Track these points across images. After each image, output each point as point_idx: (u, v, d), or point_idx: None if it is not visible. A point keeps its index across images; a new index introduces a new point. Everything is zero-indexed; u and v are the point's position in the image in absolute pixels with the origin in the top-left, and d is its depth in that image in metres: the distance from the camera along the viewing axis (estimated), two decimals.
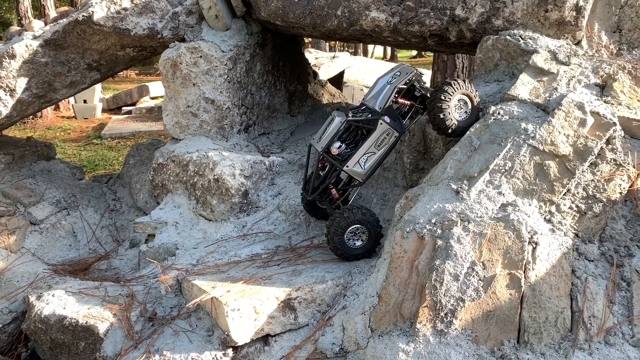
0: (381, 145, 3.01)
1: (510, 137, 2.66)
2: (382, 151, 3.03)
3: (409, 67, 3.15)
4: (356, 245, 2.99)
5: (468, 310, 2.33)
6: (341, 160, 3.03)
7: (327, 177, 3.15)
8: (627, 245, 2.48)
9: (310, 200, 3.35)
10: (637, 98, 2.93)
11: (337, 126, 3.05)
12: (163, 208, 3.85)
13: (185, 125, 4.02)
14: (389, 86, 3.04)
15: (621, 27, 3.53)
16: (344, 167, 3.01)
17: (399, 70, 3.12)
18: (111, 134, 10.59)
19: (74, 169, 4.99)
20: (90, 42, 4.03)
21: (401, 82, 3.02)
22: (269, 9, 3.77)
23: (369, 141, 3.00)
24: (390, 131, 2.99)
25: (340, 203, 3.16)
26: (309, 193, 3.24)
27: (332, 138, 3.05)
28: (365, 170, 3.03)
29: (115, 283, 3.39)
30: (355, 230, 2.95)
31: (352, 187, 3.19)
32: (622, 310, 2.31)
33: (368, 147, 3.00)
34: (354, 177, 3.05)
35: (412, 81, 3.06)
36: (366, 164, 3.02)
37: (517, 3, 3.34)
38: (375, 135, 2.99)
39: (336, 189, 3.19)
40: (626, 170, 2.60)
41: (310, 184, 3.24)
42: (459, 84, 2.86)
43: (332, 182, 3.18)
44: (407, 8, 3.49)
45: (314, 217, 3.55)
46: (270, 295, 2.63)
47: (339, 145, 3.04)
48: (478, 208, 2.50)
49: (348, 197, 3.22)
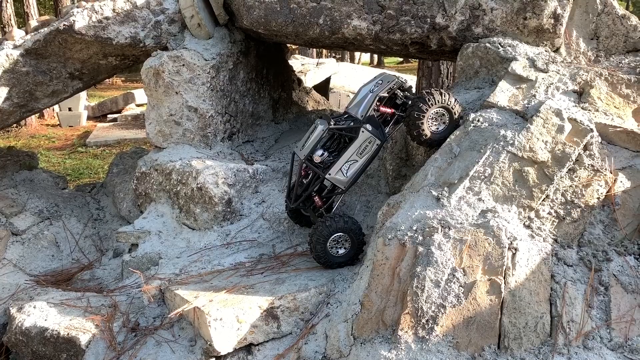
0: (363, 153, 3.03)
1: (490, 144, 2.69)
2: (365, 159, 3.05)
3: (391, 75, 3.18)
4: (339, 254, 3.00)
5: (449, 317, 2.34)
6: (324, 168, 3.04)
7: (310, 185, 3.16)
8: (605, 250, 2.52)
9: (294, 208, 3.36)
10: (614, 104, 2.97)
11: (320, 134, 3.06)
12: (146, 217, 3.83)
13: (168, 133, 4.01)
14: (370, 95, 3.07)
15: (598, 34, 3.59)
16: (327, 175, 3.03)
17: (381, 79, 3.14)
18: (96, 141, 10.53)
19: (56, 178, 4.95)
20: (72, 51, 4.01)
21: (382, 90, 3.05)
22: (251, 17, 3.79)
23: (351, 149, 3.02)
24: (372, 139, 3.01)
25: (324, 211, 3.17)
26: (292, 201, 3.25)
27: (315, 146, 3.07)
28: (347, 178, 3.05)
29: (98, 293, 3.37)
30: (338, 238, 2.96)
31: (336, 195, 3.20)
32: (600, 314, 2.34)
33: (350, 155, 3.02)
34: (337, 185, 3.07)
35: (394, 89, 3.09)
36: (348, 172, 3.04)
37: (497, 11, 3.39)
38: (357, 143, 3.01)
39: (319, 197, 3.20)
40: (603, 175, 2.64)
41: (294, 192, 3.25)
42: (434, 98, 2.87)
43: (316, 190, 3.19)
44: (388, 16, 3.51)
45: (298, 224, 3.56)
46: (253, 304, 2.63)
47: (322, 153, 3.05)
48: (458, 214, 2.52)
49: (332, 204, 3.23)
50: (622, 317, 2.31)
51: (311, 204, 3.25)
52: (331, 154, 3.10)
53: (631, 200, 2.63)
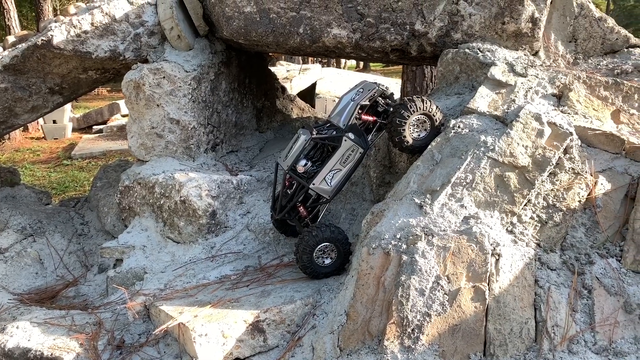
0: (347, 161, 3.03)
1: (471, 150, 2.70)
2: (348, 167, 3.04)
3: (372, 83, 3.18)
4: (325, 264, 2.99)
5: (434, 325, 2.34)
6: (307, 178, 3.04)
7: (295, 196, 3.15)
8: (588, 253, 2.53)
9: (279, 219, 3.35)
10: (593, 107, 3.00)
11: (303, 144, 3.06)
12: (130, 232, 3.79)
13: (150, 146, 3.98)
14: (352, 103, 3.07)
15: (576, 36, 3.62)
16: (310, 185, 3.02)
17: (362, 87, 3.15)
18: (82, 154, 10.43)
19: (40, 194, 4.90)
20: (51, 66, 3.97)
21: (364, 99, 3.05)
22: (231, 28, 3.77)
23: (334, 158, 3.01)
24: (355, 147, 3.01)
25: (309, 220, 3.16)
26: (277, 212, 3.24)
27: (298, 156, 3.06)
28: (332, 187, 3.04)
29: (82, 311, 3.33)
30: (324, 248, 2.95)
31: (321, 204, 3.20)
32: (584, 317, 2.34)
33: (334, 164, 3.02)
34: (321, 194, 3.06)
35: (375, 97, 3.09)
36: (332, 181, 3.04)
37: (475, 17, 3.40)
38: (340, 152, 3.01)
39: (304, 207, 3.19)
40: (584, 178, 2.65)
41: (278, 202, 3.23)
42: (415, 105, 2.88)
43: (301, 200, 3.18)
44: (367, 24, 3.52)
45: (284, 234, 3.55)
46: (238, 318, 2.61)
47: (305, 163, 3.05)
48: (441, 222, 2.52)
49: (317, 214, 3.22)
50: (605, 320, 2.32)
51: (296, 214, 3.24)
52: (314, 163, 3.09)
53: (612, 203, 2.64)
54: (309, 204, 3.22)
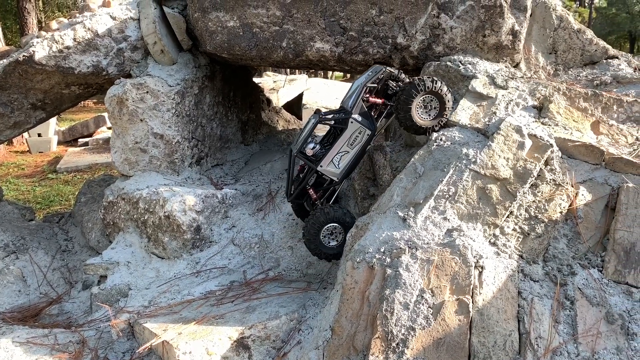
0: (354, 143, 3.05)
1: (453, 163, 2.71)
2: (356, 149, 3.07)
3: (380, 66, 3.21)
4: (330, 245, 3.07)
5: (419, 339, 2.34)
6: (316, 161, 3.07)
7: (305, 178, 3.19)
8: (570, 264, 2.55)
9: (299, 203, 3.41)
10: (573, 118, 3.03)
11: (312, 127, 3.11)
12: (115, 247, 3.76)
13: (134, 161, 3.96)
14: (360, 86, 3.10)
15: (556, 48, 3.67)
16: (318, 167, 3.06)
17: (372, 70, 3.19)
18: (67, 167, 10.33)
19: (23, 210, 4.84)
20: (33, 82, 3.95)
21: (370, 81, 3.08)
22: (214, 42, 3.78)
23: (341, 140, 3.05)
24: (362, 129, 3.03)
25: (320, 204, 3.20)
26: (288, 195, 3.30)
27: (306, 139, 3.10)
28: (340, 170, 3.08)
29: (66, 329, 3.28)
30: (333, 229, 3.02)
31: (333, 187, 3.22)
32: (567, 329, 2.36)
33: (341, 145, 3.05)
34: (330, 176, 3.09)
35: (382, 79, 3.12)
36: (340, 163, 3.07)
37: (456, 29, 3.44)
38: (347, 134, 3.04)
39: (315, 190, 3.23)
40: (565, 189, 2.68)
41: (289, 186, 3.29)
42: (425, 84, 2.88)
43: (313, 184, 3.24)
44: (350, 38, 3.54)
45: (302, 219, 3.55)
46: (222, 335, 2.59)
47: (313, 146, 3.09)
48: (425, 235, 2.53)
49: (330, 197, 3.25)
50: (588, 331, 2.33)
51: (308, 197, 3.28)
52: (324, 146, 3.12)
53: (593, 213, 2.67)
54: (324, 187, 3.25)
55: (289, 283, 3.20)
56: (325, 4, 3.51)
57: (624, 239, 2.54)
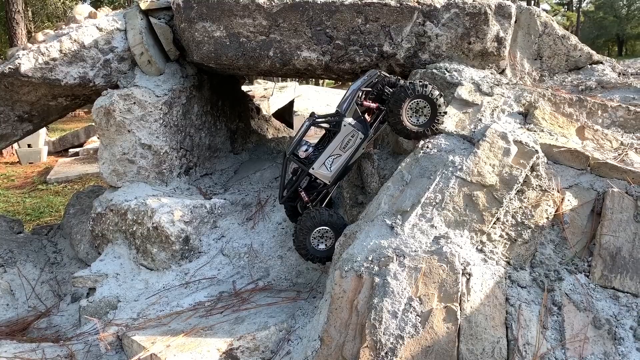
0: (346, 147, 3.05)
1: (439, 170, 2.72)
2: (348, 153, 3.06)
3: (376, 71, 3.22)
4: (319, 248, 3.07)
5: (408, 348, 2.33)
6: (308, 163, 3.07)
7: (297, 181, 3.19)
8: (557, 270, 2.55)
9: (292, 206, 3.40)
10: (558, 124, 3.05)
11: (305, 130, 3.11)
12: (103, 259, 3.74)
13: (122, 172, 3.95)
14: (354, 90, 3.11)
15: (541, 54, 3.70)
16: (310, 170, 3.05)
17: (367, 75, 3.20)
18: (57, 178, 10.27)
19: (11, 223, 4.81)
20: (20, 94, 3.93)
21: (364, 85, 3.09)
22: (201, 52, 3.78)
23: (333, 143, 3.04)
24: (354, 133, 3.02)
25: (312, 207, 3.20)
26: (279, 197, 3.29)
27: (299, 141, 3.10)
28: (331, 173, 3.07)
29: (54, 343, 3.25)
30: (324, 232, 3.02)
31: (325, 190, 3.22)
32: (555, 334, 2.36)
33: (333, 149, 3.04)
34: (321, 179, 3.09)
35: (376, 84, 3.12)
36: (332, 166, 3.06)
37: (442, 37, 3.46)
38: (340, 138, 3.03)
39: (307, 193, 3.22)
40: (551, 195, 2.69)
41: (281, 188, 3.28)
42: (414, 89, 2.87)
43: (307, 187, 3.24)
44: (336, 47, 3.55)
45: (294, 222, 3.53)
46: (211, 347, 2.58)
47: (306, 149, 3.09)
48: (412, 242, 2.53)
49: (322, 200, 3.24)
50: (575, 336, 2.34)
51: (299, 200, 3.28)
52: (317, 149, 3.13)
53: (579, 218, 2.68)
54: (318, 190, 3.24)
55: (279, 293, 3.19)
56: (311, 13, 3.52)
57: (610, 244, 2.56)
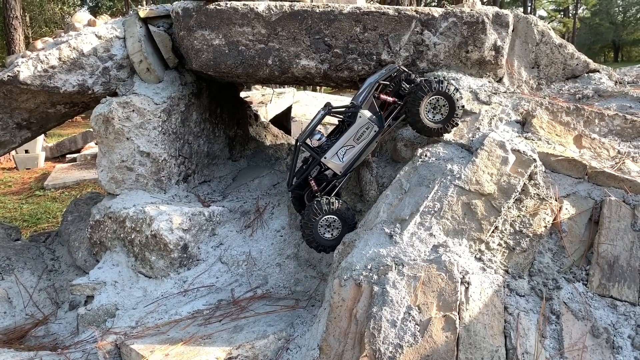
0: (360, 139, 3.04)
1: (438, 179, 2.73)
2: (361, 145, 3.05)
3: (394, 65, 3.22)
4: (326, 237, 3.04)
5: (406, 357, 2.33)
6: (320, 152, 3.06)
7: (308, 169, 3.18)
8: (555, 278, 2.56)
9: (297, 196, 3.37)
10: (555, 132, 3.07)
11: (320, 119, 3.10)
12: (101, 267, 3.73)
13: (121, 180, 3.95)
14: (371, 83, 3.11)
15: (539, 62, 3.73)
16: (322, 159, 3.04)
17: (386, 69, 3.21)
18: (54, 184, 10.25)
19: (8, 230, 4.80)
20: (18, 102, 3.93)
21: (382, 78, 3.10)
22: (200, 61, 3.79)
23: (347, 134, 3.03)
24: (369, 125, 3.01)
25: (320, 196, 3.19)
26: (288, 185, 3.27)
27: (313, 130, 3.09)
28: (343, 163, 3.06)
29: (52, 352, 3.24)
30: (332, 222, 3.00)
31: (334, 181, 3.20)
32: (553, 343, 2.37)
33: (347, 139, 3.04)
34: (332, 169, 3.08)
35: (394, 78, 3.13)
36: (344, 157, 3.06)
37: (440, 46, 3.48)
38: (355, 129, 3.02)
39: (316, 182, 3.20)
40: (549, 204, 2.70)
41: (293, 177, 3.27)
42: (431, 86, 2.88)
43: (317, 177, 3.22)
44: (335, 55, 3.57)
45: (298, 211, 3.50)
46: (210, 355, 2.57)
47: (319, 138, 3.09)
48: (411, 251, 2.54)
49: (331, 190, 3.22)
50: (574, 345, 2.34)
51: (309, 189, 3.26)
52: (330, 139, 3.12)
53: (577, 227, 2.69)
54: (326, 179, 3.22)
55: (277, 301, 3.19)
56: (310, 22, 3.54)
57: (608, 252, 2.57)
